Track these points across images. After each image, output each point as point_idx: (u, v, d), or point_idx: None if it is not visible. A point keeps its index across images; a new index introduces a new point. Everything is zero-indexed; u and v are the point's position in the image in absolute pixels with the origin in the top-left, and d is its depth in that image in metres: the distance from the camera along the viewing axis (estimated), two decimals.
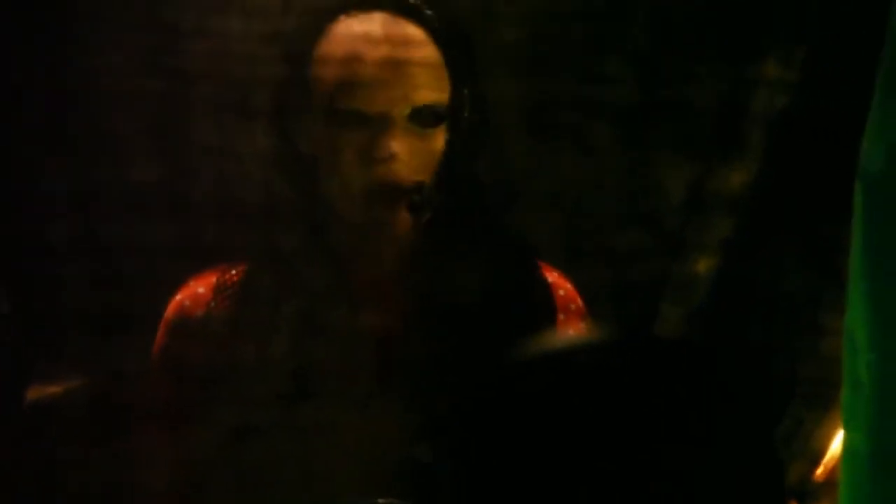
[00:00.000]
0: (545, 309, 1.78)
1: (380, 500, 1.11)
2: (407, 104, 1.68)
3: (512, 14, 2.06)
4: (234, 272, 1.78)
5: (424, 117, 1.70)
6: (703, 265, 2.07)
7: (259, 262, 1.78)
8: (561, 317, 1.78)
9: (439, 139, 1.71)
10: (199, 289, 1.78)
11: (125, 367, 1.86)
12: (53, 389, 1.84)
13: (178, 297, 1.79)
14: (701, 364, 1.03)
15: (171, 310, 1.79)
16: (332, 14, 1.71)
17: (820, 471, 1.80)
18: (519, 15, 2.07)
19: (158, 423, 1.76)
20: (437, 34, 1.71)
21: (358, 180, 1.68)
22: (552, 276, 1.81)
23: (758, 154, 2.06)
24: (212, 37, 1.91)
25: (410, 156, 1.68)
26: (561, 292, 1.80)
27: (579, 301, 1.82)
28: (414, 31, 1.70)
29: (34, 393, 1.84)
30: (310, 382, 1.73)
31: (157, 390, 1.77)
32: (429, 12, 1.71)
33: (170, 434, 1.76)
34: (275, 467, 1.73)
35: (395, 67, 1.68)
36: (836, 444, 1.76)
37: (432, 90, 1.70)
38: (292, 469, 1.73)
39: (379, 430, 1.72)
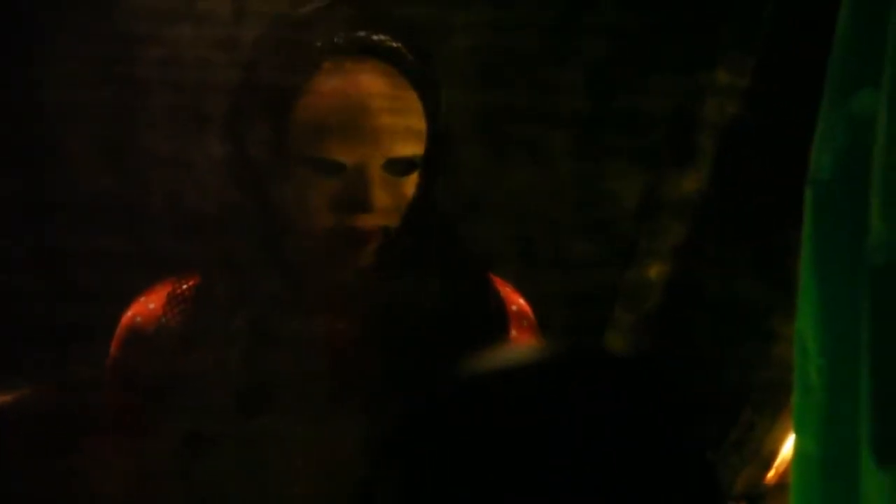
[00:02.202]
0: (498, 323, 1.77)
1: None
2: (384, 155, 1.67)
3: (465, 25, 2.07)
4: (185, 285, 1.77)
5: (400, 166, 1.69)
6: (655, 271, 2.08)
7: (212, 273, 1.77)
8: (514, 332, 1.78)
9: (412, 184, 1.70)
10: (150, 304, 1.77)
11: (77, 376, 1.85)
12: (2, 398, 1.82)
13: (130, 312, 1.77)
14: (642, 380, 1.03)
15: (122, 325, 1.77)
16: (316, 61, 1.69)
17: (771, 474, 1.81)
18: (472, 25, 2.08)
19: (110, 435, 1.75)
20: (419, 83, 1.70)
21: (326, 224, 1.67)
22: (505, 291, 1.80)
23: (709, 161, 2.07)
24: (164, 44, 1.91)
25: (382, 203, 1.68)
26: (514, 307, 1.80)
27: (531, 316, 1.82)
28: (396, 81, 1.69)
29: None
30: (264, 395, 1.72)
31: (110, 404, 1.76)
32: (410, 58, 1.69)
33: (122, 446, 1.75)
34: (228, 480, 1.72)
35: (375, 119, 1.67)
36: (788, 447, 1.78)
37: (409, 141, 1.69)
38: (246, 482, 1.72)
39: (333, 443, 1.71)
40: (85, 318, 1.93)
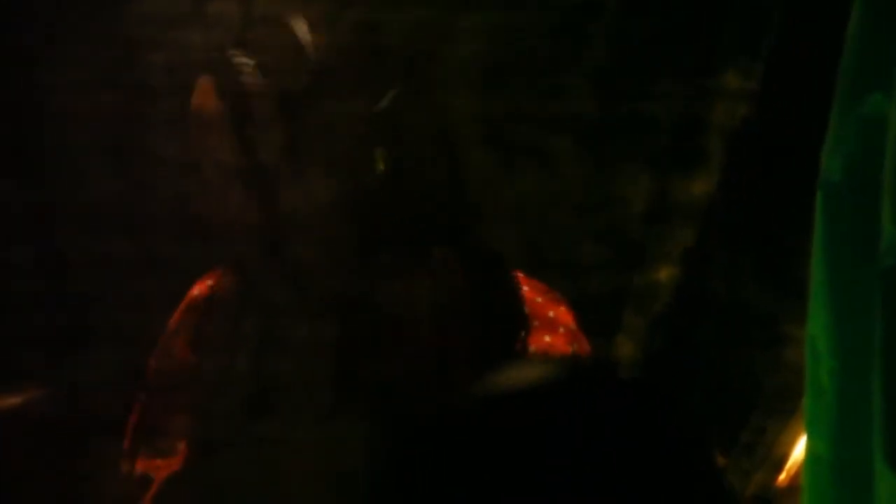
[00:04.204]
0: (514, 320, 1.78)
1: None
2: None
3: (472, 30, 2.07)
4: (217, 282, 1.78)
5: None
6: (665, 275, 2.08)
7: (227, 277, 1.78)
8: (535, 323, 1.78)
9: None
10: (196, 290, 1.78)
11: (85, 379, 1.85)
12: (14, 400, 1.82)
13: (196, 290, 1.79)
14: (646, 399, 1.04)
15: (188, 300, 1.79)
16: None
17: (783, 477, 1.81)
18: (479, 31, 2.08)
19: (121, 434, 1.75)
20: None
21: None
22: (532, 294, 1.81)
23: (718, 165, 2.08)
24: (171, 49, 1.91)
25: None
26: (538, 299, 1.81)
27: (570, 322, 1.82)
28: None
29: None
30: (270, 399, 1.73)
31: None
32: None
33: (131, 447, 1.75)
34: (235, 483, 1.72)
35: None
36: (799, 450, 1.77)
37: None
38: (253, 484, 1.73)
39: (340, 446, 1.71)
40: (91, 322, 1.93)
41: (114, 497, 1.76)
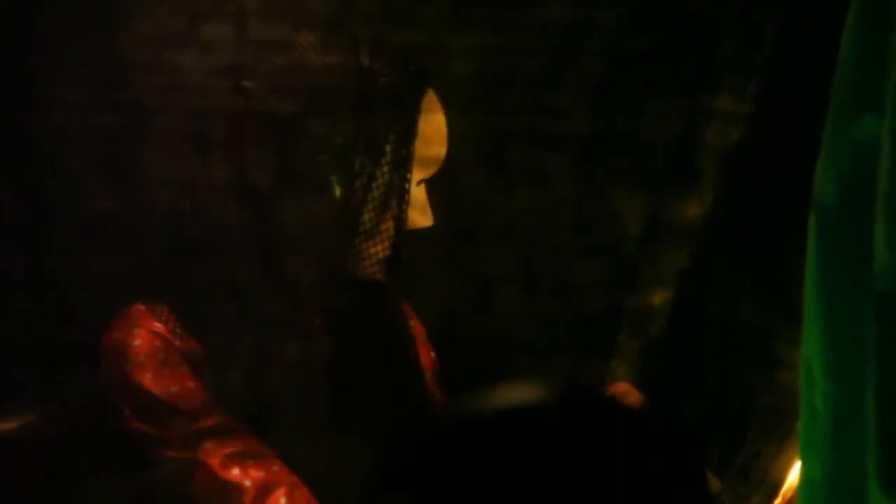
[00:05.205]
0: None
1: None
2: None
3: (465, 49, 2.08)
4: (167, 307, 1.78)
5: None
6: (659, 297, 2.08)
7: (215, 296, 1.77)
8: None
9: None
10: (153, 327, 1.77)
11: (80, 401, 1.85)
12: (8, 425, 1.82)
13: (136, 335, 1.77)
14: (639, 432, 1.04)
15: (135, 348, 1.78)
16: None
17: (778, 501, 1.81)
18: (473, 49, 2.08)
19: (113, 457, 1.75)
20: None
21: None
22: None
23: (712, 185, 2.08)
24: (166, 70, 1.91)
25: None
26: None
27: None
28: None
29: None
30: (265, 416, 1.73)
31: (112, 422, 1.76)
32: None
33: (125, 468, 1.75)
34: None
35: None
36: (794, 474, 1.77)
37: None
38: None
39: (335, 464, 1.71)
40: (86, 341, 1.93)
41: None
